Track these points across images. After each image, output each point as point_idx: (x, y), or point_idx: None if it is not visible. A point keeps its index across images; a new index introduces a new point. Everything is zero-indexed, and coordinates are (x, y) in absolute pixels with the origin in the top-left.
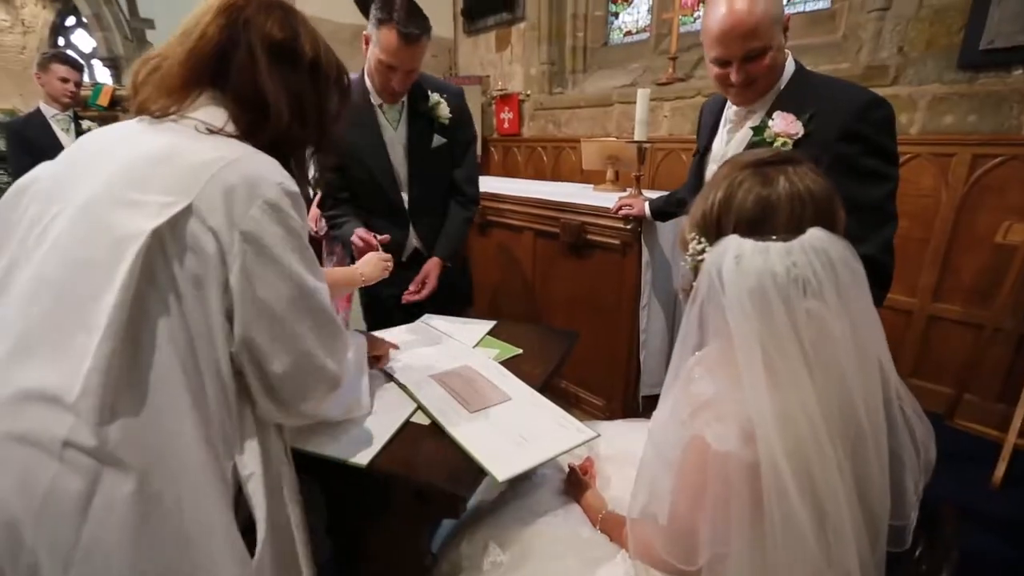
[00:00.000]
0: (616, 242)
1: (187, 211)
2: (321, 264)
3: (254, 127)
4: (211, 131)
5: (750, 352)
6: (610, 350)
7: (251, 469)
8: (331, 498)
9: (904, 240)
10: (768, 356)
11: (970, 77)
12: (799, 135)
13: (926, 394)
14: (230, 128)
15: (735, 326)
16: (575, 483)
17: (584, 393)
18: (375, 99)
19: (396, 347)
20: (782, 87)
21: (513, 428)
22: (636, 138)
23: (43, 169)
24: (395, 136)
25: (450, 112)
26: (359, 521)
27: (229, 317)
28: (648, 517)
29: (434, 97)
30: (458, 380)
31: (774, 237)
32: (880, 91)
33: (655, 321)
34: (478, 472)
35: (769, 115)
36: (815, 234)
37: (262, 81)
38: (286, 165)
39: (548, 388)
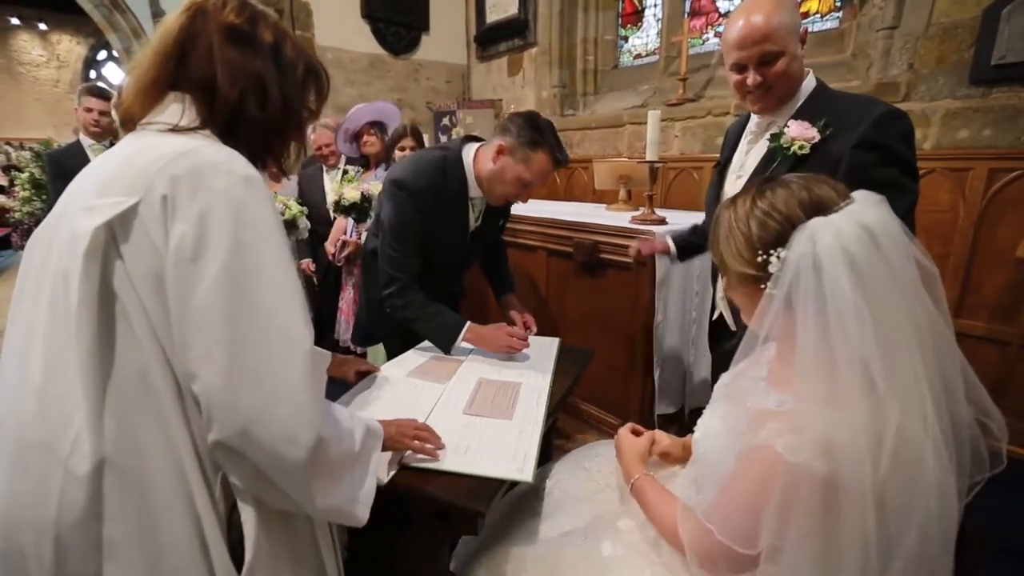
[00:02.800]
0: (629, 260)
1: (135, 208)
2: (340, 290)
3: (209, 109)
4: (172, 129)
5: (859, 327)
6: (625, 368)
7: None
8: None
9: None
10: (875, 337)
11: (983, 92)
12: (816, 139)
13: None
14: (186, 120)
15: (838, 310)
16: (626, 438)
17: (599, 412)
18: (472, 192)
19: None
20: (802, 101)
21: (472, 438)
22: (648, 158)
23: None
24: (473, 223)
25: None
26: (379, 540)
27: None
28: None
29: None
30: (491, 389)
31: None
32: None
33: (669, 339)
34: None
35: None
36: (862, 195)
37: (215, 61)
38: (257, 154)
39: (563, 407)
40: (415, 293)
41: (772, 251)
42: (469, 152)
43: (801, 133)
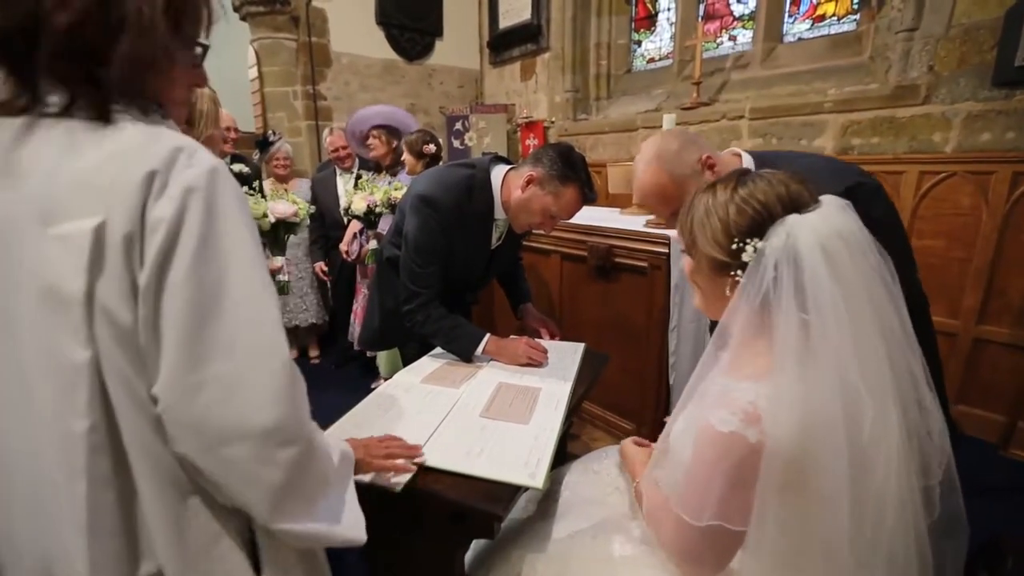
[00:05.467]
0: (644, 264)
1: (101, 229)
2: (355, 294)
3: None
4: (65, 113)
5: (836, 320)
6: (639, 373)
7: None
8: (366, 518)
9: (943, 260)
10: (853, 324)
11: (1006, 94)
12: None
13: (976, 422)
14: (73, 98)
15: (816, 300)
16: (629, 448)
17: (614, 417)
18: (498, 213)
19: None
20: None
21: (487, 442)
22: None
23: None
24: (495, 243)
25: None
26: (395, 540)
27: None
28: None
29: None
30: (510, 393)
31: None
32: (911, 110)
33: (684, 343)
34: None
35: None
36: (829, 199)
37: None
38: (139, 103)
39: (577, 412)
40: (435, 308)
41: (748, 240)
42: (498, 174)
43: None
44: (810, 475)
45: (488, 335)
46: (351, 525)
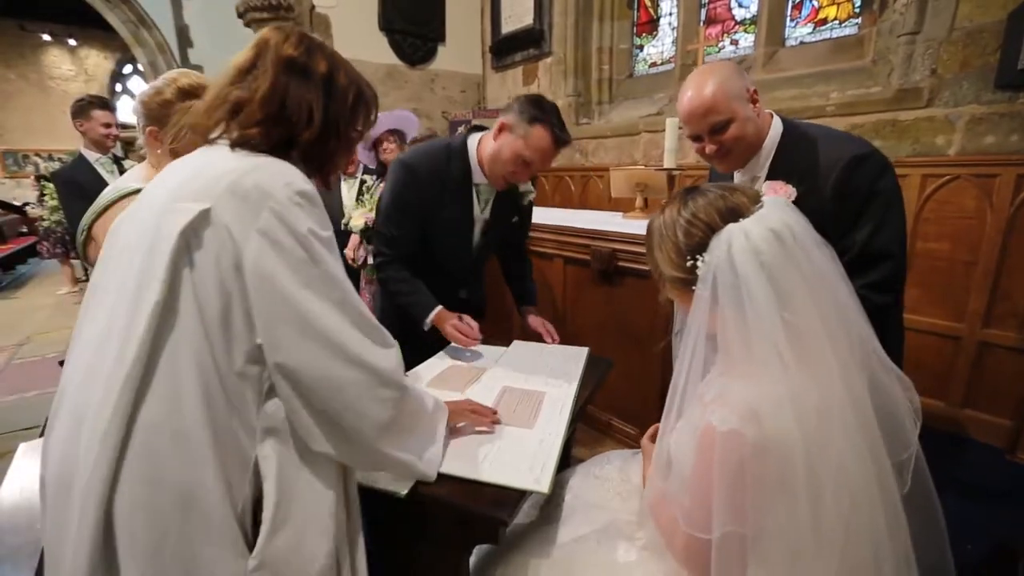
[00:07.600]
0: (647, 268)
1: (206, 213)
2: (360, 294)
3: (267, 131)
4: (237, 145)
5: (769, 314)
6: (643, 377)
7: (267, 488)
8: (371, 524)
9: (948, 263)
10: (788, 327)
11: (1010, 97)
12: (793, 196)
13: (983, 426)
14: (256, 141)
15: (752, 301)
16: (647, 447)
17: (618, 422)
18: (477, 178)
19: (496, 419)
20: (774, 153)
21: (492, 446)
22: (665, 165)
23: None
24: (480, 215)
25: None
26: (401, 545)
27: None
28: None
29: (525, 184)
30: (514, 397)
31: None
32: (914, 113)
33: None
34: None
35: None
36: (770, 199)
37: (271, 90)
38: (308, 170)
39: (582, 416)
40: (396, 270)
41: (698, 256)
42: (474, 140)
43: (776, 194)
44: (771, 465)
45: (439, 307)
46: (429, 462)
